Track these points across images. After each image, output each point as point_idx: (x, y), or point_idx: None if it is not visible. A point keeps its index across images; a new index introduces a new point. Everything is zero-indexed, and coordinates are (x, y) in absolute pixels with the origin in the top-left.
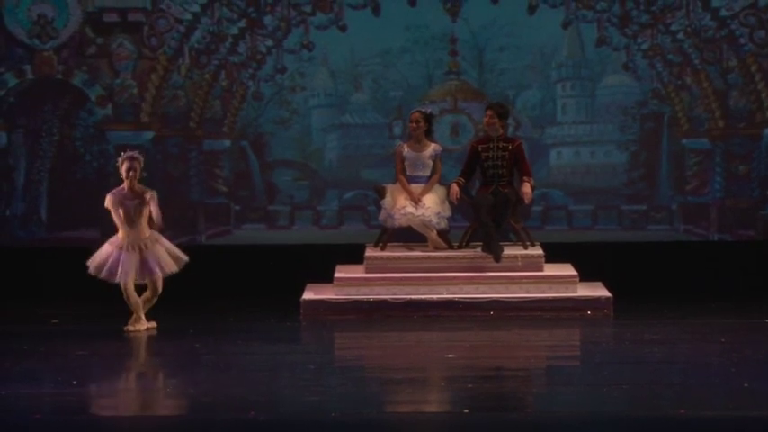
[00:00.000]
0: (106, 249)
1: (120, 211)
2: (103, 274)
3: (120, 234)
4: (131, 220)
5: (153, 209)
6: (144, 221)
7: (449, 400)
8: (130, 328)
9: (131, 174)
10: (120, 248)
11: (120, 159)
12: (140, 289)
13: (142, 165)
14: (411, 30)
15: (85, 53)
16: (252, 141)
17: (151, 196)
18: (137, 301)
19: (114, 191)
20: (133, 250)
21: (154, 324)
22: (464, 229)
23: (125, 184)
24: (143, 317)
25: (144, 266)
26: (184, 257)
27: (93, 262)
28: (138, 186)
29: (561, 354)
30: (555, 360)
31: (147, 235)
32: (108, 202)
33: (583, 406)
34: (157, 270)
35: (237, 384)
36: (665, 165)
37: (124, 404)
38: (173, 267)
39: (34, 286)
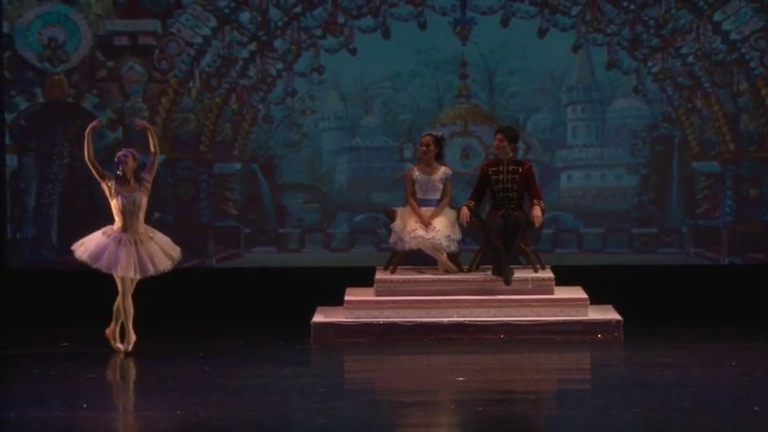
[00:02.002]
0: (102, 240)
1: (119, 202)
2: (101, 265)
3: (117, 225)
4: (129, 212)
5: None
6: (141, 216)
7: (459, 424)
8: (129, 348)
9: (123, 161)
10: (118, 242)
11: (118, 153)
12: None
13: (137, 160)
14: (421, 53)
15: (96, 77)
16: (262, 164)
17: (145, 176)
18: (131, 309)
19: (118, 180)
20: (130, 244)
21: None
22: (474, 252)
23: (123, 179)
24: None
25: (139, 263)
26: (177, 254)
27: (86, 249)
28: (134, 180)
29: (572, 377)
30: (565, 383)
31: (143, 230)
32: (106, 188)
33: (593, 430)
34: (151, 269)
35: (248, 408)
36: (676, 188)
37: (134, 428)
38: (166, 265)
39: (44, 309)
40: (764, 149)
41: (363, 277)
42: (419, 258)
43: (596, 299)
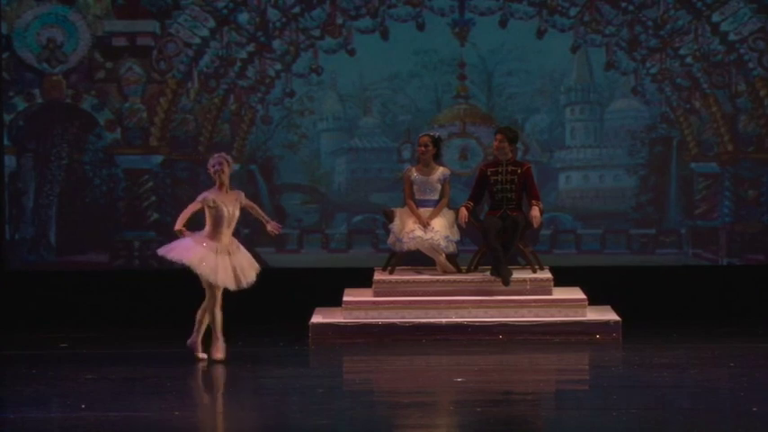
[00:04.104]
0: (199, 249)
1: (218, 210)
2: (204, 272)
3: (211, 235)
4: (228, 223)
5: (256, 209)
6: (233, 227)
7: (458, 425)
8: (221, 356)
9: (219, 169)
10: (213, 251)
11: (211, 162)
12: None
13: (230, 164)
14: (420, 54)
15: (94, 77)
16: (261, 165)
17: (241, 195)
18: (220, 317)
19: (209, 191)
20: (223, 254)
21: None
22: (473, 252)
23: (219, 185)
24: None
25: (234, 274)
26: (257, 268)
27: (186, 253)
28: (230, 187)
29: (570, 378)
30: (564, 384)
31: (229, 242)
32: (205, 199)
33: (592, 430)
34: (243, 281)
35: (247, 408)
36: (674, 189)
37: (133, 429)
38: (252, 277)
39: (43, 310)
40: (763, 150)
41: (362, 278)
42: (418, 259)
43: (595, 300)
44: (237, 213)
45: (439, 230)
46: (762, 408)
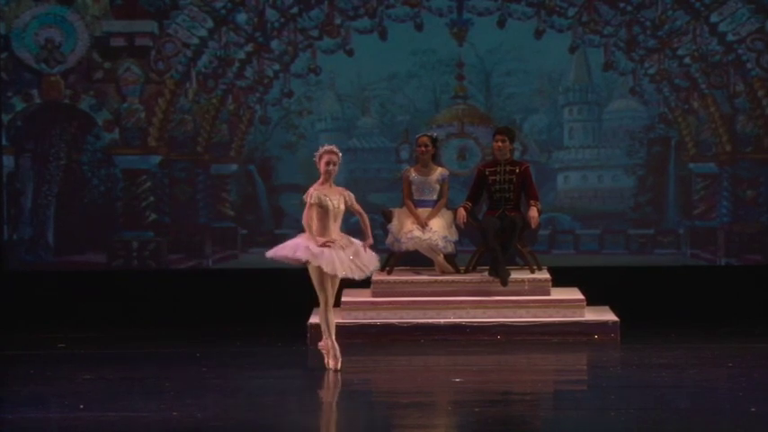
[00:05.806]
0: (300, 240)
1: (327, 205)
2: (324, 266)
3: (319, 231)
4: (335, 218)
5: (363, 216)
6: (339, 221)
7: (456, 425)
8: (338, 365)
9: (331, 167)
10: (329, 246)
11: (317, 154)
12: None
13: (340, 160)
14: (418, 54)
15: (93, 78)
16: (259, 165)
17: (350, 196)
18: (333, 321)
19: (316, 186)
20: (339, 248)
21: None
22: (471, 253)
23: (324, 179)
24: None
25: (350, 264)
26: (377, 259)
27: (284, 247)
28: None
29: (568, 378)
30: (562, 384)
31: (340, 237)
32: (312, 197)
33: (590, 430)
34: (363, 270)
35: (245, 409)
36: (673, 189)
37: (130, 429)
38: (374, 265)
39: (41, 310)
40: (761, 150)
41: None
42: (416, 259)
43: (593, 300)
44: (343, 208)
45: (437, 231)
46: (761, 408)
